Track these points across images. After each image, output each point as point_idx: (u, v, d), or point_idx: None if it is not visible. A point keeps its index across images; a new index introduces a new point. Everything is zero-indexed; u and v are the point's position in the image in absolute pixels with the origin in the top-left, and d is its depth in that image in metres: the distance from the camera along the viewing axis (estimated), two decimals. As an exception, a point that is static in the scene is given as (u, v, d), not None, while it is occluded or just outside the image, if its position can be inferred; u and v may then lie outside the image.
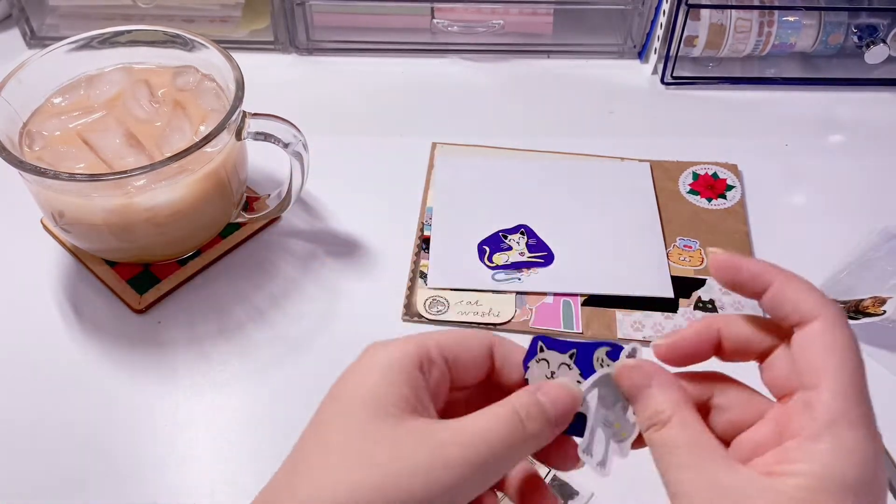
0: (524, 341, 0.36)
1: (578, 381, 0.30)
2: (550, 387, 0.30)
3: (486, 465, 0.27)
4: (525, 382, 0.31)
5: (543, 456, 0.31)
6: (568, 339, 0.31)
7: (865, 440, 0.26)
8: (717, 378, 0.30)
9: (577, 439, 0.31)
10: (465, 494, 0.27)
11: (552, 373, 0.31)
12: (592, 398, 0.30)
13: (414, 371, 0.29)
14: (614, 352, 0.30)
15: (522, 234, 0.54)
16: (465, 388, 0.32)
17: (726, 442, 0.28)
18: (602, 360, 0.31)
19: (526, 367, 0.31)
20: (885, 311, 0.47)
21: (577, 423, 0.30)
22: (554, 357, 0.31)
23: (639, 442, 0.30)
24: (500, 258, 0.53)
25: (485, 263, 0.53)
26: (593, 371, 0.30)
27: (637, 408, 0.29)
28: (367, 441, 0.27)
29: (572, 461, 0.31)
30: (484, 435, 0.27)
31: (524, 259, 0.53)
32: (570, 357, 0.31)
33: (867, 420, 0.27)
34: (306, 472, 0.28)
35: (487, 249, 0.53)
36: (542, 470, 0.42)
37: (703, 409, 0.29)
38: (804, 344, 0.27)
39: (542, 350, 0.31)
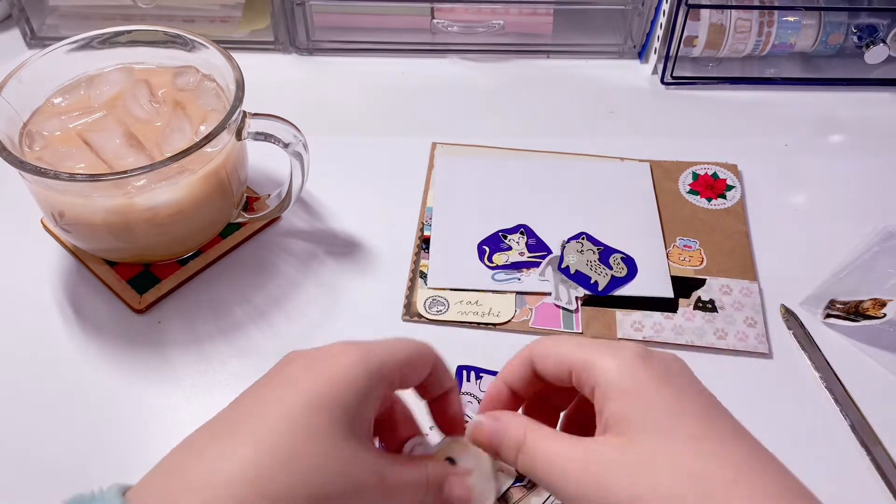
0: (525, 341, 0.36)
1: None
2: (459, 485, 0.33)
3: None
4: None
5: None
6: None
7: (607, 356, 0.31)
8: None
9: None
10: None
11: None
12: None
13: (375, 401, 0.31)
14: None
15: (522, 233, 0.54)
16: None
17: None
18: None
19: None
20: (885, 315, 0.47)
21: None
22: None
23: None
24: (500, 258, 0.53)
25: (485, 263, 0.53)
26: None
27: (501, 450, 0.32)
28: (306, 449, 0.28)
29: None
30: (402, 486, 0.31)
31: (524, 259, 0.53)
32: None
33: (594, 349, 0.31)
34: (228, 446, 0.27)
35: (487, 249, 0.53)
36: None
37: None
38: (540, 361, 0.33)
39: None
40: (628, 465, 0.28)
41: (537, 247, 0.54)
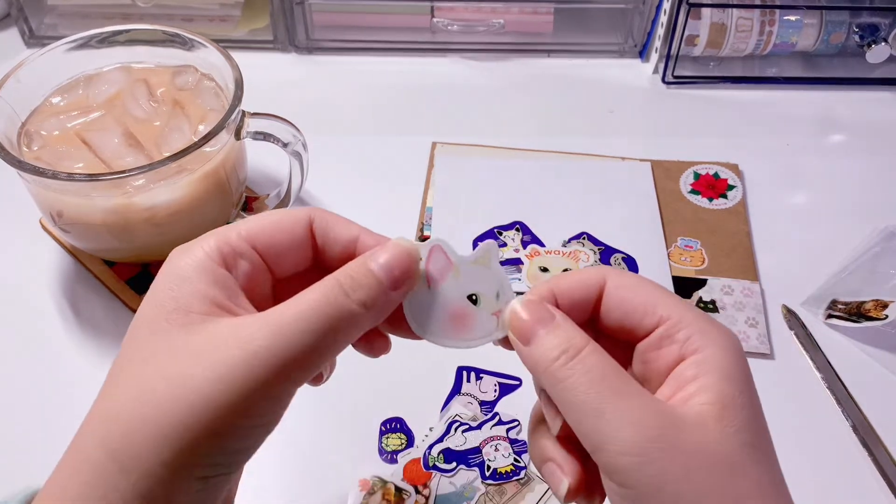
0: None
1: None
2: (381, 251, 0.27)
3: (305, 343, 0.24)
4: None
5: (395, 327, 0.29)
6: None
7: (723, 334, 0.27)
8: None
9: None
10: (288, 382, 0.25)
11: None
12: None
13: (217, 268, 0.26)
14: None
15: (518, 230, 0.54)
16: (292, 277, 0.29)
17: None
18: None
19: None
20: (886, 316, 0.47)
21: None
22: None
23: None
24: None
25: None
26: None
27: (543, 339, 0.26)
28: (157, 349, 0.25)
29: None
30: (302, 318, 0.24)
31: (519, 255, 0.53)
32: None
33: (709, 320, 0.27)
34: (113, 388, 0.26)
35: (484, 247, 0.53)
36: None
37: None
38: (623, 295, 0.28)
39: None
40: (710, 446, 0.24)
41: (532, 243, 0.53)
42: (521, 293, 0.29)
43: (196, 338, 0.25)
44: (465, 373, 0.46)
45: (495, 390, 0.46)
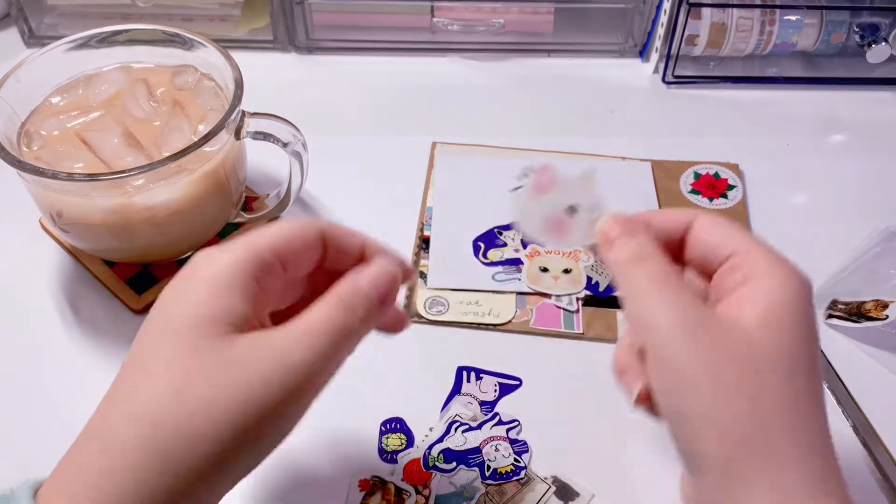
0: (525, 341, 0.35)
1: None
2: (368, 273, 0.31)
3: (328, 356, 0.28)
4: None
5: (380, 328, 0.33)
6: None
7: (783, 268, 0.30)
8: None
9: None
10: (309, 389, 0.28)
11: None
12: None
13: (249, 281, 0.28)
14: None
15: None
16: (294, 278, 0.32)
17: None
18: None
19: None
20: (887, 317, 0.47)
21: None
22: None
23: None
24: (494, 254, 0.53)
25: (479, 259, 0.52)
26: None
27: (621, 245, 0.32)
28: (203, 359, 0.26)
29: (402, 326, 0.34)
30: (318, 329, 0.28)
31: (519, 255, 0.53)
32: None
33: (781, 260, 0.31)
34: (128, 392, 0.27)
35: (482, 246, 0.53)
36: (544, 472, 0.42)
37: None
38: (705, 232, 0.32)
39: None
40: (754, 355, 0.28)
41: (532, 243, 0.53)
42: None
43: (235, 350, 0.27)
44: (465, 373, 0.46)
45: (495, 390, 0.46)
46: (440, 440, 0.43)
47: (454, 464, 0.42)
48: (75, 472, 0.27)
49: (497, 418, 0.44)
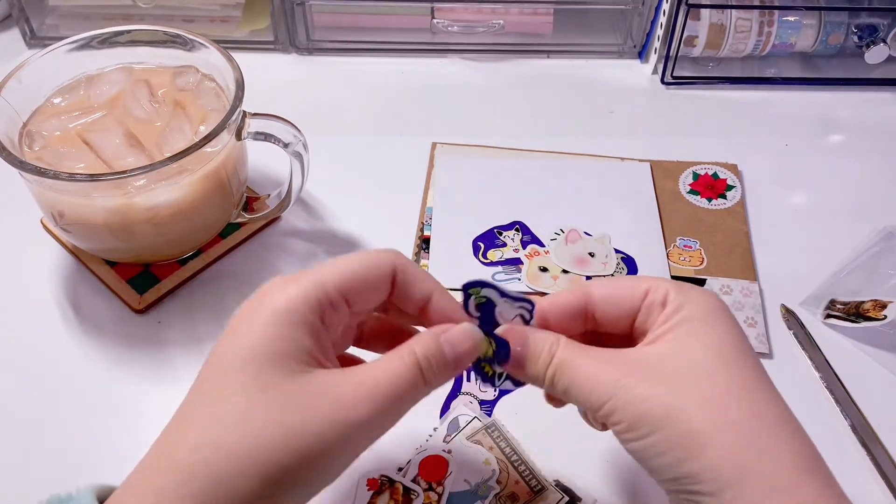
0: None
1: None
2: (454, 333, 0.30)
3: (387, 413, 0.28)
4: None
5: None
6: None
7: (700, 291, 0.31)
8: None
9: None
10: (365, 443, 0.28)
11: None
12: None
13: (314, 320, 0.28)
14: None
15: (517, 230, 0.54)
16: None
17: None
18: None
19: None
20: (885, 317, 0.47)
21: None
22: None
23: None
24: (494, 254, 0.53)
25: (479, 260, 0.53)
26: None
27: (529, 351, 0.31)
28: (267, 395, 0.26)
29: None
30: (387, 387, 0.27)
31: (519, 255, 0.53)
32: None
33: (687, 284, 0.31)
34: (197, 423, 0.27)
35: (482, 246, 0.53)
36: (545, 470, 0.42)
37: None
38: (607, 291, 0.32)
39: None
40: (679, 370, 0.28)
41: (531, 243, 0.54)
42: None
43: (298, 389, 0.27)
44: (465, 372, 0.46)
45: (495, 390, 0.46)
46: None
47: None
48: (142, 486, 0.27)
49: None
